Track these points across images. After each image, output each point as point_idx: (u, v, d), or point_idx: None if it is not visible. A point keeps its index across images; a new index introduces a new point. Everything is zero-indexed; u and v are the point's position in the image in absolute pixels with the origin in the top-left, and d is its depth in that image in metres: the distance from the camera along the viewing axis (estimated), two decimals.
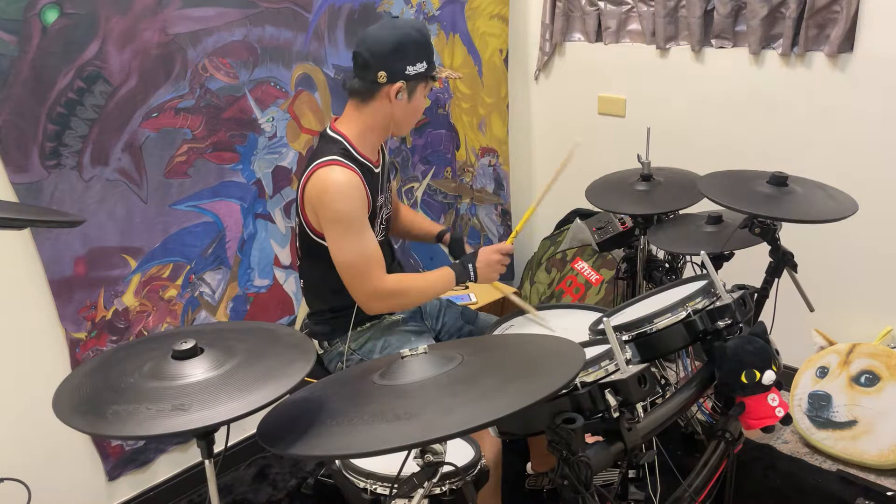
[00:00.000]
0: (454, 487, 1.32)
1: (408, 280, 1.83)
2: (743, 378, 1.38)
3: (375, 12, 2.51)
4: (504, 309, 2.79)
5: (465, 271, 1.85)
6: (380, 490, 1.32)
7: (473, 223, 3.19)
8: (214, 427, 1.07)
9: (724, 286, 1.51)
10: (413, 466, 1.18)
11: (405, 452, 1.13)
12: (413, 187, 2.91)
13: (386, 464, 1.29)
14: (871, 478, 2.23)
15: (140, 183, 2.07)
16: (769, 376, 1.38)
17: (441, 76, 1.80)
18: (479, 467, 1.39)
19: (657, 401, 1.48)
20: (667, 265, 2.25)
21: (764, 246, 1.85)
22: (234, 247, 2.33)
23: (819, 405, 2.33)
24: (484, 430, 1.00)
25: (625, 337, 1.43)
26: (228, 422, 1.05)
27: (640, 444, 1.22)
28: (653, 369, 1.23)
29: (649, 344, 1.43)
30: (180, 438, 2.32)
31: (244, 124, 2.26)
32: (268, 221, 2.40)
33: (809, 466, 2.32)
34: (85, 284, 2.02)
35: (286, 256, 2.48)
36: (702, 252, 1.56)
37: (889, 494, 2.16)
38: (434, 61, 1.76)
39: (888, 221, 2.31)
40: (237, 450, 2.46)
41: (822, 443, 2.33)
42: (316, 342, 1.90)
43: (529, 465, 2.27)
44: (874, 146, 2.29)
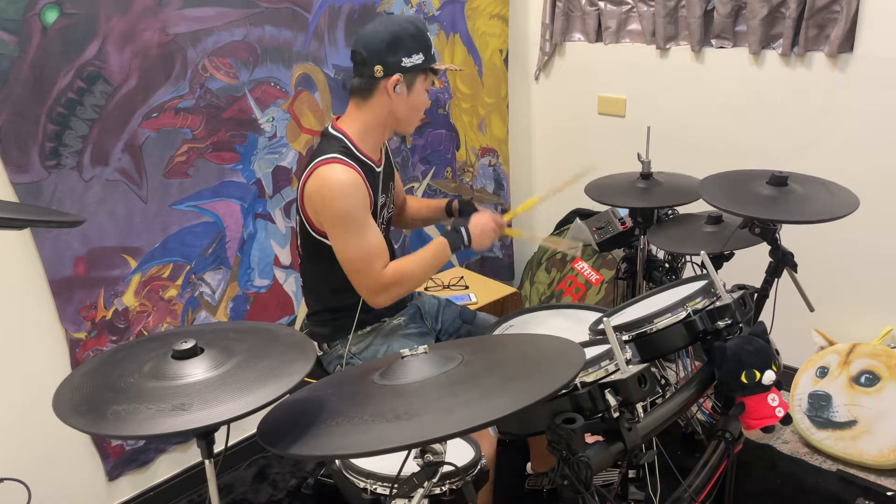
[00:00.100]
0: (454, 487, 1.32)
1: (405, 264, 1.80)
2: (743, 378, 1.38)
3: (375, 12, 2.51)
4: (504, 309, 2.79)
5: (458, 236, 1.83)
6: (380, 490, 1.32)
7: None
8: (214, 427, 1.07)
9: (724, 286, 1.51)
10: (413, 466, 1.18)
11: (405, 452, 1.13)
12: (413, 187, 2.91)
13: (386, 464, 1.29)
14: (871, 478, 2.24)
15: (140, 183, 2.07)
16: (769, 376, 1.38)
17: (440, 69, 1.79)
18: (479, 467, 1.39)
19: (657, 401, 1.48)
20: (667, 265, 2.25)
21: (764, 246, 1.85)
22: (234, 247, 2.33)
23: (819, 405, 2.33)
24: (483, 430, 1.00)
25: (625, 337, 1.43)
26: (228, 422, 1.05)
27: (640, 444, 1.22)
28: (653, 369, 1.23)
29: (649, 344, 1.43)
30: (180, 438, 2.32)
31: (244, 124, 2.27)
32: (268, 221, 2.41)
33: (809, 466, 2.32)
34: (85, 284, 2.02)
35: (286, 256, 2.48)
36: (702, 252, 1.56)
37: (889, 494, 2.16)
38: (432, 53, 1.75)
39: (888, 222, 2.31)
40: (237, 450, 2.46)
41: (822, 443, 2.33)
42: (315, 343, 1.90)
43: (529, 465, 2.27)
44: (874, 146, 2.29)
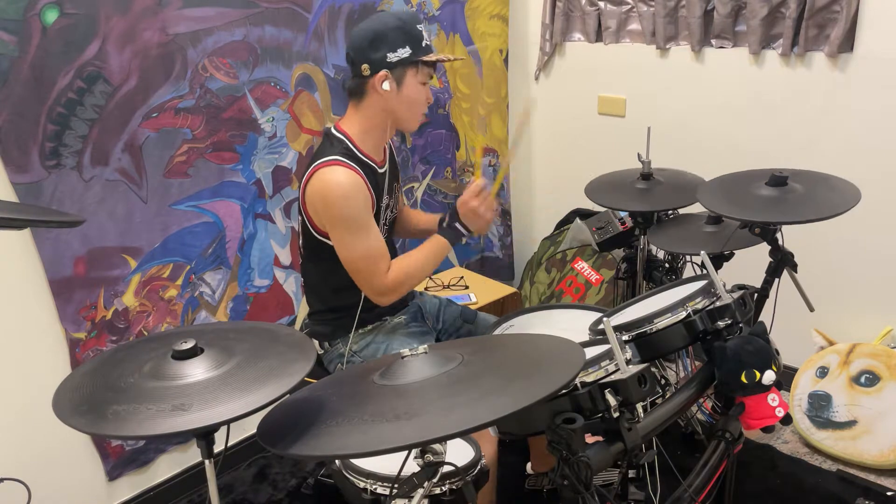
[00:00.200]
0: (454, 487, 1.32)
1: (406, 263, 1.79)
2: (743, 378, 1.38)
3: (375, 12, 2.51)
4: (504, 309, 2.79)
5: (455, 231, 1.80)
6: (380, 490, 1.32)
7: None
8: (214, 427, 1.07)
9: (724, 286, 1.51)
10: (413, 466, 1.18)
11: (405, 452, 1.13)
12: (413, 187, 2.91)
13: (386, 464, 1.29)
14: (871, 478, 2.24)
15: (140, 183, 2.07)
16: (769, 376, 1.38)
17: (432, 60, 1.72)
18: (479, 467, 1.39)
19: (657, 401, 1.48)
20: (667, 265, 2.25)
21: (764, 246, 1.84)
22: (234, 247, 2.33)
23: (819, 405, 2.33)
24: (483, 430, 1.00)
25: (625, 337, 1.43)
26: (228, 422, 1.05)
27: (640, 444, 1.22)
28: (653, 369, 1.23)
29: (649, 344, 1.42)
30: (180, 438, 2.32)
31: (244, 124, 2.26)
32: (268, 221, 2.41)
33: (809, 466, 2.32)
34: (85, 284, 2.02)
35: (286, 256, 2.48)
36: (702, 252, 1.56)
37: (889, 494, 2.16)
38: (423, 46, 1.70)
39: (888, 222, 2.31)
40: (237, 450, 2.46)
41: (822, 443, 2.33)
42: (316, 342, 1.90)
43: (529, 465, 2.27)
44: (874, 146, 2.29)
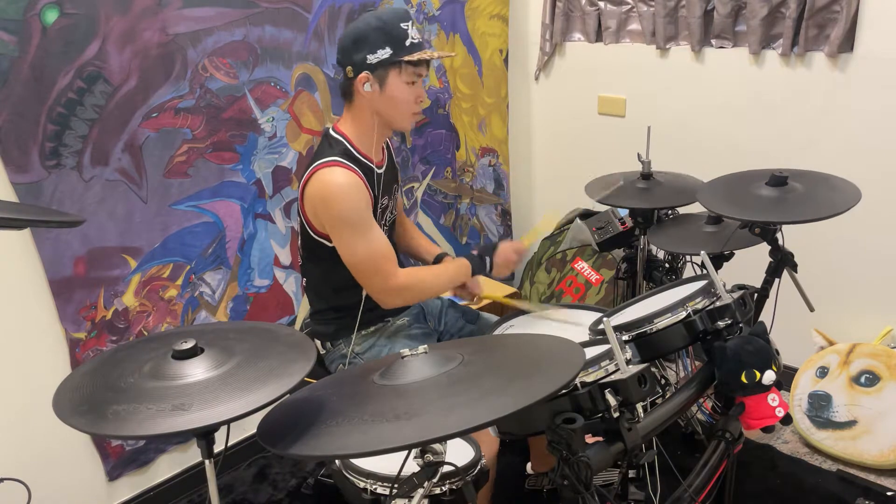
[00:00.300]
0: (454, 487, 1.32)
1: (421, 272, 1.82)
2: (743, 378, 1.38)
3: None
4: (505, 309, 2.79)
5: (482, 263, 1.85)
6: (380, 490, 1.32)
7: (473, 223, 3.19)
8: (214, 427, 1.07)
9: (724, 286, 1.51)
10: (413, 466, 1.18)
11: (405, 452, 1.13)
12: (413, 187, 2.91)
13: (386, 464, 1.29)
14: (871, 478, 2.24)
15: (140, 183, 2.07)
16: (769, 376, 1.38)
17: (414, 59, 1.68)
18: (479, 467, 1.39)
19: (657, 401, 1.48)
20: (667, 265, 2.25)
21: (764, 246, 1.84)
22: (234, 247, 2.33)
23: (819, 405, 2.33)
24: (483, 430, 1.00)
25: (625, 337, 1.42)
26: (228, 422, 1.05)
27: (640, 444, 1.21)
28: (653, 369, 1.23)
29: (649, 344, 1.42)
30: (180, 438, 2.32)
31: (244, 124, 2.26)
32: (268, 221, 2.40)
33: (809, 466, 2.32)
34: (85, 284, 2.02)
35: (286, 256, 2.48)
36: (702, 252, 1.56)
37: (889, 494, 2.16)
38: (406, 45, 1.67)
39: (888, 222, 2.31)
40: (237, 450, 2.46)
41: (822, 443, 2.33)
42: (318, 342, 1.90)
43: (529, 465, 2.27)
44: (874, 146, 2.29)
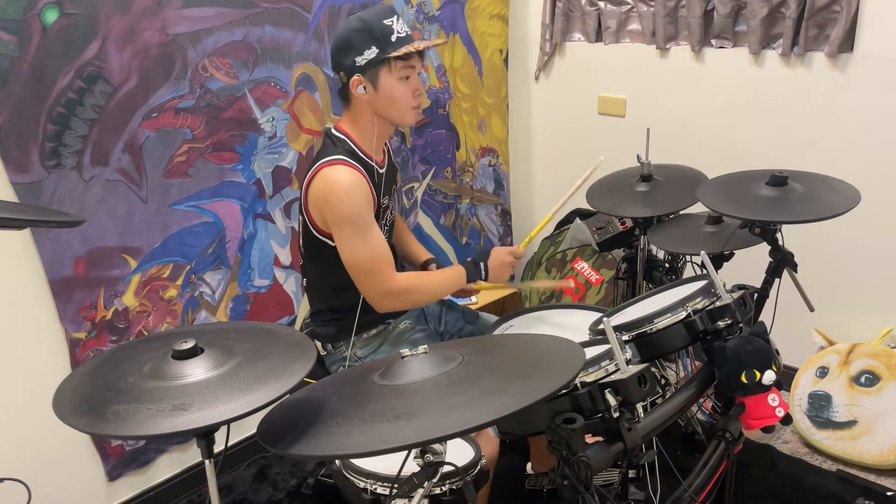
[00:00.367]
0: (454, 487, 1.32)
1: (418, 278, 1.83)
2: (743, 378, 1.38)
3: None
4: (504, 309, 2.79)
5: (477, 269, 1.86)
6: (380, 490, 1.32)
7: (473, 223, 3.19)
8: (214, 427, 1.07)
9: (724, 286, 1.51)
10: (413, 466, 1.18)
11: (405, 452, 1.13)
12: (413, 187, 2.91)
13: (386, 464, 1.29)
14: (871, 478, 2.24)
15: (140, 183, 2.07)
16: (769, 376, 1.38)
17: (402, 54, 1.67)
18: (479, 467, 1.39)
19: (657, 401, 1.48)
20: (667, 265, 2.25)
21: (764, 246, 1.85)
22: (234, 247, 2.33)
23: (819, 405, 2.33)
24: (483, 430, 1.00)
25: (625, 337, 1.43)
26: (228, 422, 1.05)
27: (640, 444, 1.22)
28: (653, 369, 1.23)
29: (649, 344, 1.43)
30: (180, 438, 2.32)
31: (244, 124, 2.26)
32: (268, 221, 2.40)
33: (809, 466, 2.32)
34: (85, 284, 2.02)
35: (286, 256, 2.48)
36: (702, 252, 1.56)
37: (889, 494, 2.16)
38: (392, 41, 1.66)
39: (888, 222, 2.31)
40: (237, 450, 2.46)
41: (822, 443, 2.33)
42: (319, 343, 1.90)
43: (529, 465, 2.27)
44: (874, 146, 2.29)
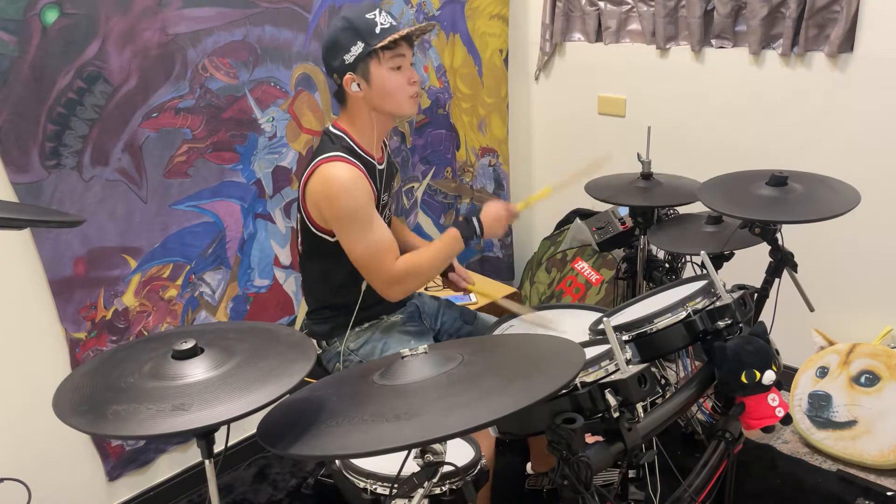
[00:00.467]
0: (454, 487, 1.32)
1: (415, 257, 1.80)
2: (743, 378, 1.38)
3: None
4: (503, 309, 2.79)
5: (469, 226, 1.80)
6: (380, 490, 1.32)
7: None
8: (214, 427, 1.08)
9: (724, 286, 1.51)
10: (413, 466, 1.18)
11: (405, 452, 1.13)
12: (413, 187, 2.91)
13: (386, 464, 1.29)
14: (871, 478, 2.24)
15: (140, 183, 2.07)
16: (769, 376, 1.38)
17: (387, 42, 1.67)
18: (479, 467, 1.39)
19: (657, 401, 1.48)
20: (667, 265, 2.25)
21: (764, 246, 1.85)
22: (235, 247, 2.33)
23: (819, 405, 2.33)
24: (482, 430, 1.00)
25: (625, 337, 1.43)
26: (228, 422, 1.05)
27: (640, 444, 1.22)
28: (653, 369, 1.23)
29: (649, 344, 1.43)
30: (180, 438, 2.32)
31: (244, 124, 2.26)
32: (268, 221, 2.40)
33: (809, 466, 2.32)
34: (85, 284, 2.02)
35: (286, 256, 2.48)
36: (702, 252, 1.56)
37: (889, 494, 2.16)
38: (376, 32, 1.67)
39: (888, 222, 2.31)
40: (237, 450, 2.46)
41: (822, 443, 2.33)
42: (315, 342, 1.90)
43: (529, 465, 2.27)
44: (874, 146, 2.29)
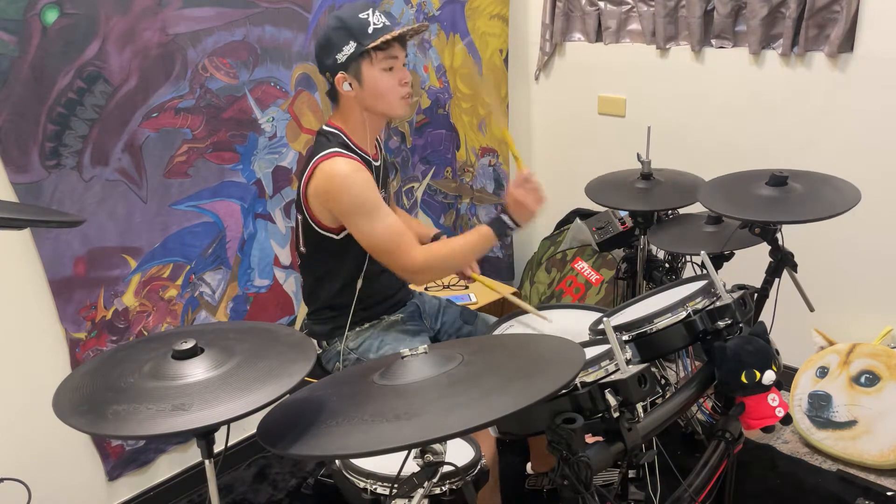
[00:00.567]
0: (454, 487, 1.32)
1: (440, 247, 1.79)
2: (743, 378, 1.38)
3: None
4: (504, 309, 2.79)
5: (502, 223, 1.75)
6: (380, 490, 1.32)
7: (474, 223, 3.19)
8: (214, 427, 1.08)
9: (724, 286, 1.51)
10: (413, 466, 1.18)
11: (405, 452, 1.13)
12: (413, 187, 2.91)
13: (386, 464, 1.29)
14: (871, 478, 2.24)
15: (140, 183, 2.07)
16: (769, 376, 1.38)
17: (378, 43, 1.67)
18: (479, 467, 1.39)
19: (657, 401, 1.48)
20: (667, 265, 2.25)
21: (764, 246, 1.85)
22: (235, 247, 2.33)
23: (819, 405, 2.33)
24: (482, 430, 1.00)
25: (625, 337, 1.42)
26: (228, 422, 1.05)
27: (640, 444, 1.22)
28: (653, 369, 1.23)
29: (649, 344, 1.42)
30: (180, 438, 2.32)
31: (244, 124, 2.26)
32: (268, 221, 2.40)
33: (809, 466, 2.32)
34: (85, 284, 2.02)
35: (286, 256, 2.48)
36: (702, 252, 1.56)
37: (889, 494, 2.16)
38: (369, 33, 1.67)
39: (888, 222, 2.31)
40: (237, 450, 2.46)
41: (822, 443, 2.33)
42: (315, 342, 1.90)
43: (529, 465, 2.27)
44: (874, 146, 2.29)
